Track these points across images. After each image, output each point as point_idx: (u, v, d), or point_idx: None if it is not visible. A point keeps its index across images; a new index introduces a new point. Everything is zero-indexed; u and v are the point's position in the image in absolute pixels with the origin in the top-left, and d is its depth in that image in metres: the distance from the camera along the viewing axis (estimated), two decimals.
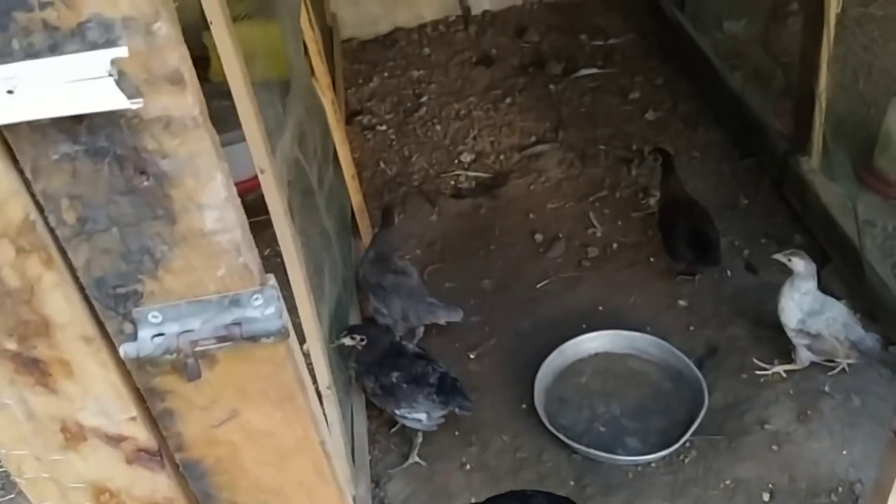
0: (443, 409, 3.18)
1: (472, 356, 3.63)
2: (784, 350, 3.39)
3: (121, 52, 0.77)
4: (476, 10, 5.76)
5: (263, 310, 1.02)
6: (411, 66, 5.42)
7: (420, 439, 3.25)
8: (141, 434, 1.13)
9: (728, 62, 4.61)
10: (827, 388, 3.31)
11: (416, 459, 3.25)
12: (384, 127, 4.95)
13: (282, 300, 1.04)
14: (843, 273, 3.64)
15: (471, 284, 3.96)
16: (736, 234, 4.02)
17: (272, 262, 2.46)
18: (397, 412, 3.19)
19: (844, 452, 3.11)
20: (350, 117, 5.03)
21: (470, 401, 3.20)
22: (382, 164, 4.70)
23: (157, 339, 1.00)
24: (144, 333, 1.00)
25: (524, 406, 3.39)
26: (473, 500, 2.99)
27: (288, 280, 2.44)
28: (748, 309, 3.67)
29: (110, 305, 0.97)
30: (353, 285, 3.63)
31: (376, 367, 3.20)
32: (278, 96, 2.77)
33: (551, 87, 5.04)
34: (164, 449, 1.18)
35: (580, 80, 5.06)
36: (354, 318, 3.63)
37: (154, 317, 1.00)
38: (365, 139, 4.91)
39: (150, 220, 0.93)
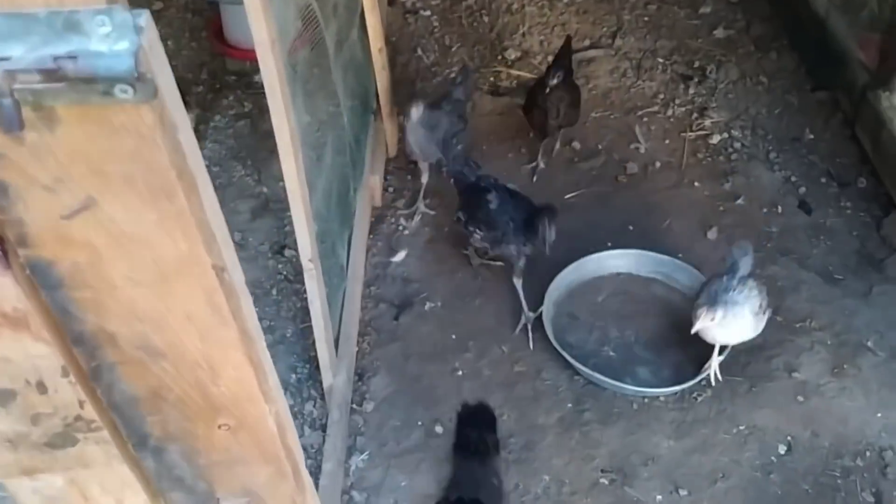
0: None
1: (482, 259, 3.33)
2: (823, 297, 3.05)
3: None
4: None
5: (112, 43, 0.72)
6: None
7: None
8: None
9: None
10: (870, 344, 2.96)
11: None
12: (428, 12, 4.57)
13: (149, 37, 0.74)
14: None
15: None
16: (794, 170, 3.64)
17: None
18: None
19: (879, 415, 2.77)
20: None
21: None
22: (420, 51, 4.34)
23: None
24: None
25: None
26: (459, 409, 2.74)
27: None
28: (794, 249, 3.31)
29: None
30: (362, 165, 3.32)
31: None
32: None
33: None
34: (9, 247, 0.91)
35: None
36: (359, 203, 3.32)
37: None
38: (405, 22, 4.54)
39: None
